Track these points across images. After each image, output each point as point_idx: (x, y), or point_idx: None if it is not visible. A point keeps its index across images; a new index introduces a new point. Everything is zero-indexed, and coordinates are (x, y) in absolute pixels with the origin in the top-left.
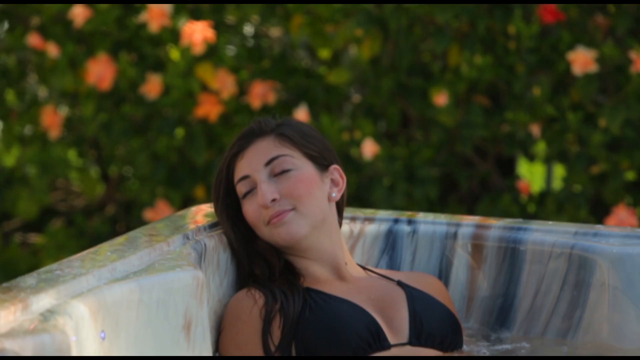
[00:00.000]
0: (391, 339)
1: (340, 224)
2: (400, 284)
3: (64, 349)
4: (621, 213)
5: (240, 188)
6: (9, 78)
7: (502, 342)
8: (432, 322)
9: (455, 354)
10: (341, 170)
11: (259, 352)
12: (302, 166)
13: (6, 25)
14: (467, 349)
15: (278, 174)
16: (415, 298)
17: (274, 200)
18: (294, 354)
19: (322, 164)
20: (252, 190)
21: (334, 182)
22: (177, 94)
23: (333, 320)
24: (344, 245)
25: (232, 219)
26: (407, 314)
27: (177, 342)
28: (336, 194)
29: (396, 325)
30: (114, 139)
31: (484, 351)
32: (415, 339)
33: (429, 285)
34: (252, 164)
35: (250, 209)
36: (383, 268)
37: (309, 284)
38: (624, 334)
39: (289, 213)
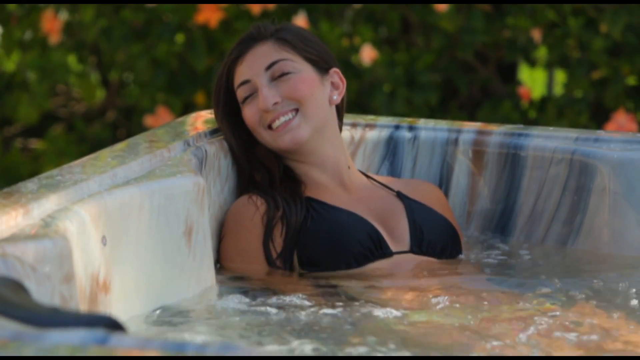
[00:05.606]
0: (393, 247)
1: (340, 129)
2: (399, 195)
3: (65, 254)
4: (620, 118)
5: (240, 93)
6: None
7: (502, 247)
8: (432, 232)
9: (454, 262)
10: (341, 74)
11: (261, 259)
12: (302, 69)
13: None
14: (465, 256)
15: (278, 77)
16: (415, 210)
17: (275, 103)
18: (295, 262)
19: (322, 67)
20: (252, 95)
21: (334, 85)
22: None
23: (335, 229)
24: (345, 150)
25: (232, 125)
26: (407, 225)
27: (178, 248)
28: (337, 97)
29: (397, 235)
30: (114, 44)
31: (485, 260)
32: (416, 247)
33: (429, 194)
34: (252, 68)
35: (250, 113)
36: (384, 174)
37: (310, 192)
38: (624, 239)
39: (294, 120)
